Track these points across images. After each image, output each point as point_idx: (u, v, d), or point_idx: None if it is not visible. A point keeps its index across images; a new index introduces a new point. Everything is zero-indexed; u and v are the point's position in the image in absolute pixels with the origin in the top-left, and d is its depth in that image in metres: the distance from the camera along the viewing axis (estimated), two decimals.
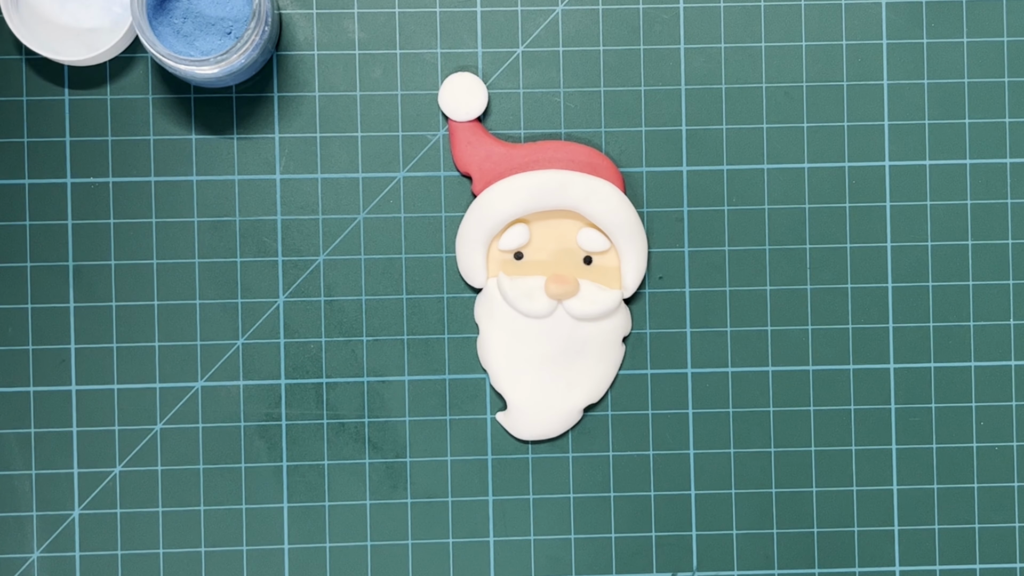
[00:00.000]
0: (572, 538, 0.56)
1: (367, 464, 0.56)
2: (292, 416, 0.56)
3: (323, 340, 0.56)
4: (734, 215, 0.57)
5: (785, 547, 0.57)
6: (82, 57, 0.54)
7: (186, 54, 0.52)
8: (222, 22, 0.52)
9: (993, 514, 0.57)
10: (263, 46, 0.52)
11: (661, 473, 0.56)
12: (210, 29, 0.52)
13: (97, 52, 0.54)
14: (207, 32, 0.52)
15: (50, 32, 0.54)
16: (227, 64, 0.51)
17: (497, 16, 0.56)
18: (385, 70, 0.56)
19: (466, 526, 0.56)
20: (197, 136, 0.56)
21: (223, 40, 0.52)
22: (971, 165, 0.57)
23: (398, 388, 0.56)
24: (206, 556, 0.55)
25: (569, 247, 0.56)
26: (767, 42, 0.57)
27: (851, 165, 0.57)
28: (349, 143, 0.56)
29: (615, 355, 0.56)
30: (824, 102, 0.57)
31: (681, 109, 0.56)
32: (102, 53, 0.54)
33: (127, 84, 0.55)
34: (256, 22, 0.50)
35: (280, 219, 0.56)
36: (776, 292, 0.57)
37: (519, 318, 0.55)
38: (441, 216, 0.56)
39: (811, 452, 0.57)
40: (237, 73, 0.53)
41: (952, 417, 0.57)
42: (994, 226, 0.57)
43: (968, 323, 0.57)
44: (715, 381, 0.57)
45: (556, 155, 0.55)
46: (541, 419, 0.56)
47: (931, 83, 0.57)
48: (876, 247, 0.57)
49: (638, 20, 0.56)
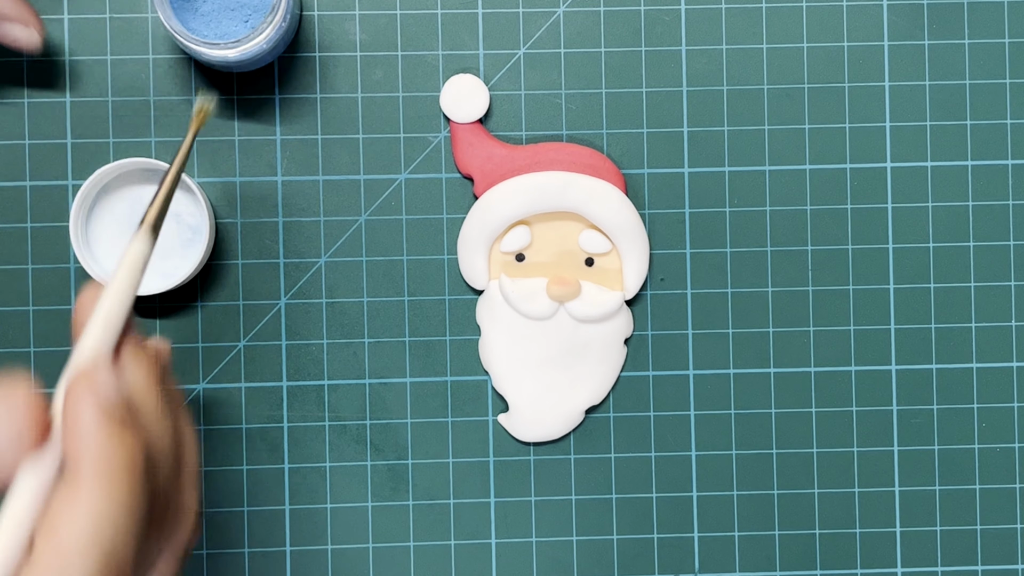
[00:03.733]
0: (574, 540, 0.56)
1: (369, 466, 0.56)
2: (294, 418, 0.56)
3: (325, 342, 0.56)
4: (735, 217, 0.57)
5: (787, 549, 0.57)
6: (162, 287, 0.53)
7: (202, 35, 0.52)
8: (242, 8, 0.52)
9: (995, 515, 0.57)
10: (280, 38, 0.52)
11: (663, 475, 0.56)
12: (230, 14, 0.52)
13: (176, 280, 0.53)
14: (227, 17, 0.52)
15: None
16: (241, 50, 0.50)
17: (498, 18, 0.56)
18: (386, 72, 0.56)
19: (468, 528, 0.56)
20: (199, 138, 0.55)
21: (240, 26, 0.52)
22: (972, 166, 0.57)
23: (400, 390, 0.56)
24: (208, 558, 0.55)
25: (571, 249, 0.56)
26: (768, 44, 0.57)
27: (852, 167, 0.57)
28: (350, 145, 0.56)
29: (617, 357, 0.56)
30: (825, 104, 0.57)
31: (683, 111, 0.56)
32: (180, 280, 0.53)
33: (128, 86, 0.55)
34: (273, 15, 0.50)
35: (281, 221, 0.56)
36: (777, 294, 0.57)
37: (521, 320, 0.55)
38: (443, 218, 0.56)
39: (813, 453, 0.57)
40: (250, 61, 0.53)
41: (954, 418, 0.57)
42: (995, 227, 0.57)
43: (970, 324, 0.57)
44: (717, 383, 0.57)
45: (558, 157, 0.55)
46: (543, 421, 0.56)
47: (932, 84, 0.57)
48: (878, 248, 0.57)
49: (639, 22, 0.56)
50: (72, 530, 0.34)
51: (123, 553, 0.35)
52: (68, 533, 0.34)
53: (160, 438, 0.38)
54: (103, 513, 0.35)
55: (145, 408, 0.38)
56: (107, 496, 0.35)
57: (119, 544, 0.35)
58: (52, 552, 0.34)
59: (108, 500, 0.35)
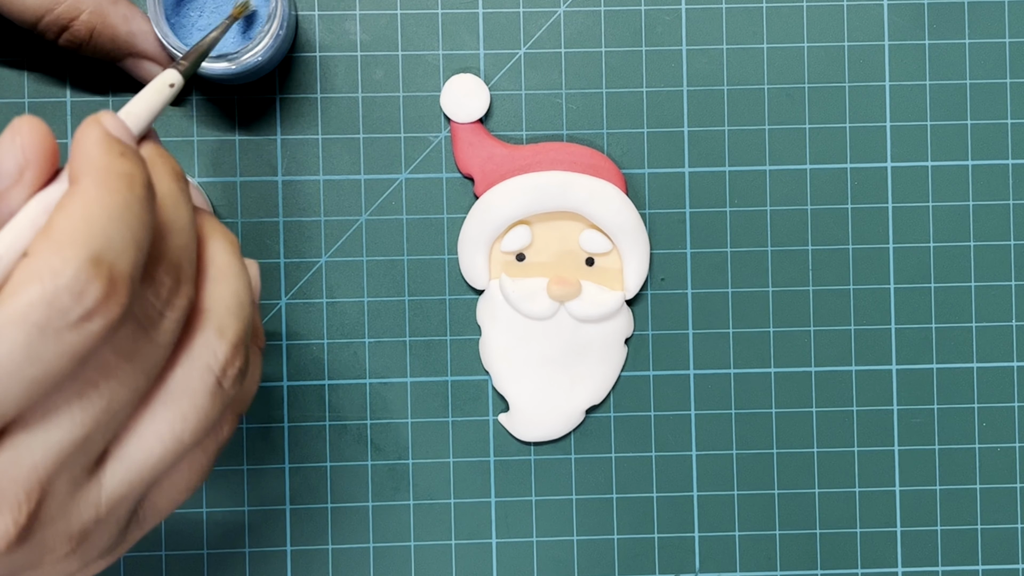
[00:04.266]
0: (574, 539, 0.56)
1: (369, 466, 0.56)
2: (294, 418, 0.56)
3: (325, 342, 0.56)
4: (736, 216, 0.57)
5: (788, 548, 0.57)
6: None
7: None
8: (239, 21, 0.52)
9: (995, 515, 0.57)
10: (277, 47, 0.52)
11: (663, 474, 0.56)
12: None
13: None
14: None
15: None
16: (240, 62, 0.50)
17: (499, 18, 0.56)
18: (387, 72, 0.56)
19: (468, 528, 0.56)
20: (199, 138, 0.55)
21: (236, 38, 0.52)
22: (973, 166, 0.57)
23: (400, 390, 0.56)
24: (208, 558, 0.55)
25: (571, 248, 0.56)
26: (769, 43, 0.57)
27: (853, 166, 0.57)
28: (351, 145, 0.56)
29: (617, 356, 0.56)
30: (826, 103, 0.57)
31: (683, 110, 0.56)
32: None
33: (129, 86, 0.55)
34: (271, 23, 0.50)
35: (282, 221, 0.56)
36: (778, 293, 0.57)
37: (521, 320, 0.55)
38: (443, 218, 0.56)
39: (813, 453, 0.57)
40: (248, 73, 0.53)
41: (954, 418, 0.57)
42: (996, 227, 0.57)
43: (970, 324, 0.57)
44: (717, 382, 0.57)
45: (558, 156, 0.55)
46: (543, 420, 0.56)
47: (933, 84, 0.57)
48: (878, 248, 0.57)
49: (640, 21, 0.56)
50: (65, 221, 0.32)
51: (119, 252, 0.32)
52: (61, 225, 0.32)
53: (180, 228, 0.36)
54: (98, 201, 0.32)
55: (163, 192, 0.36)
56: (103, 191, 0.33)
57: (115, 240, 0.32)
58: (44, 244, 0.32)
59: (104, 193, 0.33)
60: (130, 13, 0.51)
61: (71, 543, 0.35)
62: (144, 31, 0.51)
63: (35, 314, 0.31)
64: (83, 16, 0.50)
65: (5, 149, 0.34)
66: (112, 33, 0.51)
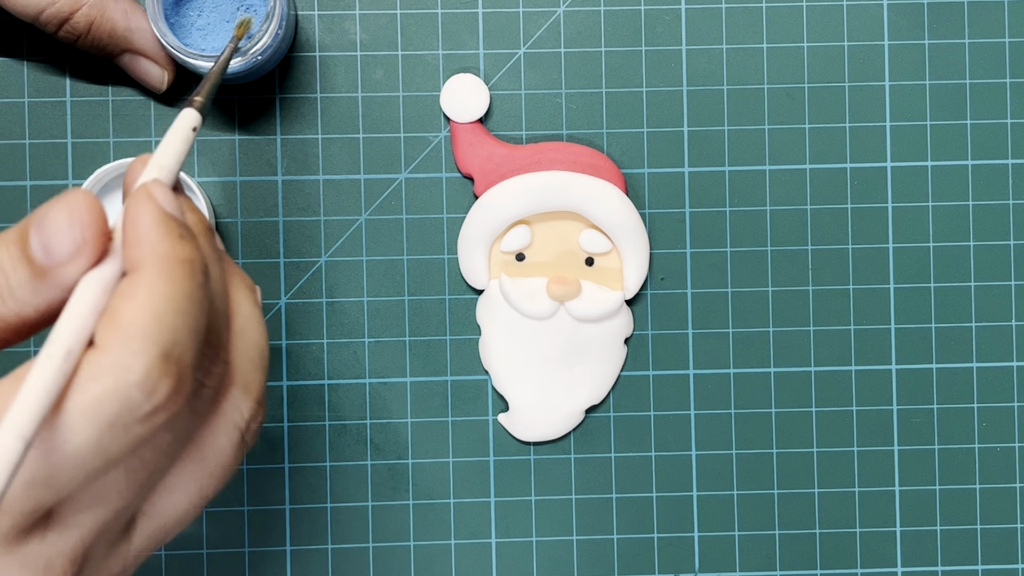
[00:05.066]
0: (574, 539, 0.56)
1: (369, 466, 0.56)
2: (294, 418, 0.56)
3: (325, 342, 0.56)
4: (736, 216, 0.57)
5: (787, 548, 0.57)
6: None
7: (199, 48, 0.52)
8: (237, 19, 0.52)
9: (995, 515, 0.57)
10: (276, 46, 0.52)
11: (663, 474, 0.56)
12: (226, 26, 0.52)
13: None
14: (223, 29, 0.52)
15: None
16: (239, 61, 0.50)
17: (499, 17, 0.56)
18: (387, 71, 0.56)
19: (468, 527, 0.56)
20: (199, 138, 0.55)
21: None
22: (973, 166, 0.57)
23: (400, 390, 0.56)
24: (208, 558, 0.55)
25: (571, 248, 0.56)
26: (769, 43, 0.57)
27: (853, 166, 0.57)
28: (351, 144, 0.56)
29: (617, 356, 0.56)
30: (826, 103, 0.57)
31: (683, 110, 0.56)
32: None
33: (129, 86, 0.55)
34: (269, 22, 0.50)
35: (282, 220, 0.56)
36: (778, 293, 0.57)
37: (521, 319, 0.55)
38: (443, 218, 0.56)
39: (813, 453, 0.57)
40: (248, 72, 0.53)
41: (954, 418, 0.57)
42: (996, 227, 0.57)
43: (970, 324, 0.57)
44: (717, 382, 0.57)
45: (558, 156, 0.55)
46: (543, 420, 0.56)
47: (932, 84, 0.57)
48: (878, 248, 0.57)
49: (640, 21, 0.56)
50: (134, 314, 0.32)
51: (185, 346, 0.33)
52: (130, 317, 0.32)
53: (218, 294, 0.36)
54: (165, 295, 0.33)
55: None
56: (168, 282, 0.33)
57: (182, 333, 0.33)
58: (114, 337, 0.32)
59: (170, 285, 0.33)
60: (130, 9, 0.52)
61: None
62: (143, 28, 0.52)
63: (107, 410, 0.32)
64: (83, 9, 0.51)
65: (63, 227, 0.34)
66: (111, 27, 0.51)
